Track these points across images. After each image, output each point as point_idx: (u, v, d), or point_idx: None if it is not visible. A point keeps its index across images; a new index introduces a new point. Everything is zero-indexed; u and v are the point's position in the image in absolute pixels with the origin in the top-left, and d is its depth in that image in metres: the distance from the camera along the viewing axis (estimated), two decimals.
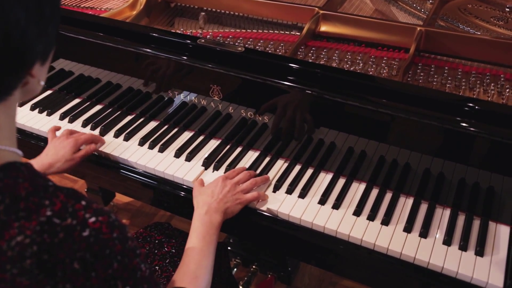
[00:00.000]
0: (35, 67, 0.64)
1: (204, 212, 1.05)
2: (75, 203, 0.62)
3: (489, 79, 1.25)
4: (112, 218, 0.64)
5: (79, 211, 0.61)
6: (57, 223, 0.59)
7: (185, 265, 0.95)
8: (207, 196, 1.10)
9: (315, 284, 1.91)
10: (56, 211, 0.60)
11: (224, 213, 1.07)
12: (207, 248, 1.00)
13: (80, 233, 0.60)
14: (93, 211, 0.62)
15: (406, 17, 1.56)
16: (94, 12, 1.59)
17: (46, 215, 0.59)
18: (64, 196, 0.62)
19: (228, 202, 1.09)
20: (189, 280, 0.92)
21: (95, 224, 0.61)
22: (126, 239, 0.64)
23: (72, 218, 0.60)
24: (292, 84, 1.16)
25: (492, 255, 1.02)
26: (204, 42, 1.27)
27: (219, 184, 1.12)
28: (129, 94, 1.44)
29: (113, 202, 2.24)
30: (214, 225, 1.04)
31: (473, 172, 1.09)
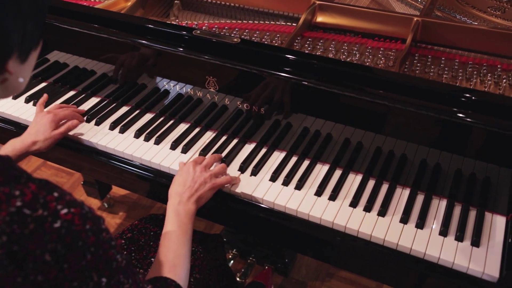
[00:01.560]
0: (10, 61, 0.62)
1: (177, 203, 1.05)
2: (47, 194, 0.61)
3: (486, 69, 1.24)
4: (85, 209, 0.63)
5: (50, 202, 0.61)
6: (28, 213, 0.59)
7: (163, 255, 0.95)
8: (178, 186, 1.09)
9: (312, 276, 1.91)
10: (27, 201, 0.59)
11: (197, 201, 1.07)
12: (183, 237, 0.99)
13: (51, 225, 0.59)
14: (65, 202, 0.62)
15: (403, 8, 1.55)
16: (89, 3, 1.57)
17: (16, 205, 0.59)
18: (36, 187, 0.61)
19: (200, 189, 1.09)
20: (168, 269, 0.92)
21: (67, 216, 0.61)
22: (100, 231, 0.64)
23: (43, 209, 0.60)
24: (288, 75, 1.16)
25: (488, 245, 1.02)
26: (200, 33, 1.26)
27: (190, 171, 1.12)
28: (125, 86, 1.44)
29: (109, 195, 2.24)
30: (188, 214, 1.04)
31: (469, 163, 1.09)
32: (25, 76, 0.68)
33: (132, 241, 1.25)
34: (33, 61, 0.69)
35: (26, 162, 2.48)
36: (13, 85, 0.66)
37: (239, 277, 1.69)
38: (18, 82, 0.67)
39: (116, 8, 1.57)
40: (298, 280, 1.90)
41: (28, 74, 0.69)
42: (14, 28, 0.60)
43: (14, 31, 0.60)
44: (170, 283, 0.87)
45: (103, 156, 1.30)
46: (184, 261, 0.96)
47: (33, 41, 0.66)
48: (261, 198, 1.14)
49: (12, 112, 1.41)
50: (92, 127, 1.36)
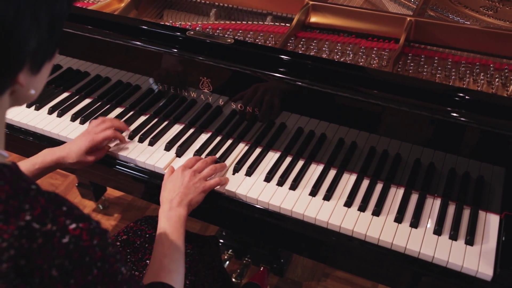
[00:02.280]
0: (22, 73, 0.61)
1: (168, 209, 1.05)
2: (55, 208, 0.60)
3: (479, 69, 1.25)
4: (93, 224, 0.63)
5: (59, 216, 0.60)
6: (37, 228, 0.58)
7: (158, 261, 0.95)
8: (168, 192, 1.09)
9: (307, 276, 1.91)
10: (36, 216, 0.58)
11: (188, 205, 1.07)
12: (176, 243, 0.99)
13: (59, 240, 0.59)
14: (74, 217, 0.61)
15: (396, 8, 1.56)
16: (82, 5, 1.57)
17: (25, 219, 0.57)
18: (45, 201, 0.60)
19: (190, 193, 1.09)
20: (164, 274, 0.92)
21: (75, 231, 0.60)
22: (106, 246, 0.64)
23: (52, 224, 0.59)
24: (282, 76, 1.16)
25: (482, 244, 1.02)
26: (194, 34, 1.26)
27: (179, 176, 1.12)
28: (118, 88, 1.43)
29: (104, 196, 2.23)
30: (179, 219, 1.04)
31: (463, 162, 1.10)
32: (37, 87, 0.66)
33: (127, 243, 1.24)
34: (46, 73, 0.67)
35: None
36: (23, 96, 0.65)
37: (235, 278, 1.69)
38: (29, 94, 0.65)
39: (110, 9, 1.57)
40: (294, 280, 1.90)
41: (41, 85, 0.67)
42: (28, 37, 0.58)
43: (28, 40, 0.59)
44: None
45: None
46: (179, 266, 0.96)
47: (48, 52, 0.64)
48: (256, 199, 1.14)
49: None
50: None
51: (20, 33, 0.57)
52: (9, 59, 0.58)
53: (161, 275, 0.91)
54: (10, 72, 0.60)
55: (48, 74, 0.69)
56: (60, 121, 1.38)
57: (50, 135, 1.36)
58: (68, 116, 1.40)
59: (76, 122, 1.38)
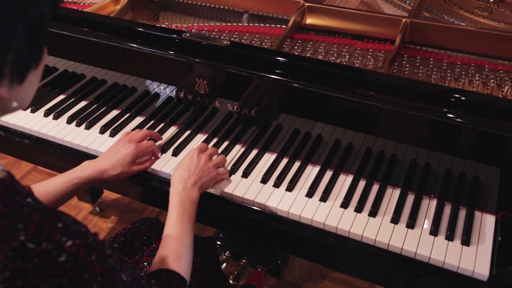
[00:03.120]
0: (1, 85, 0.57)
1: (182, 189, 1.04)
2: (50, 226, 0.58)
3: (474, 69, 1.25)
4: (90, 239, 0.61)
5: (55, 234, 0.58)
6: (32, 248, 0.56)
7: (167, 245, 0.94)
8: (183, 171, 1.08)
9: (305, 277, 1.92)
10: (30, 235, 0.56)
11: (200, 188, 1.07)
12: (187, 226, 0.99)
13: (56, 258, 0.57)
14: (70, 233, 0.59)
15: (391, 9, 1.56)
16: (78, 7, 1.57)
17: (20, 239, 0.56)
18: (40, 219, 0.58)
19: (203, 177, 1.09)
20: (172, 261, 0.91)
21: (72, 248, 0.58)
22: (105, 259, 0.62)
23: (48, 243, 0.57)
24: (278, 77, 1.16)
25: (478, 244, 1.03)
26: (190, 36, 1.26)
27: (194, 158, 1.11)
28: (114, 90, 1.43)
29: (101, 199, 2.23)
30: (192, 201, 1.03)
31: (459, 163, 1.10)
32: (24, 98, 0.62)
33: (125, 245, 1.24)
34: (33, 82, 0.63)
35: (17, 167, 2.46)
36: (8, 108, 0.62)
37: (232, 280, 1.69)
38: (12, 106, 0.61)
39: (105, 11, 1.57)
40: (291, 281, 1.90)
41: (28, 95, 0.63)
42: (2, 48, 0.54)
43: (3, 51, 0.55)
44: (174, 276, 0.87)
45: None
46: (188, 252, 0.95)
47: (31, 61, 0.60)
48: (253, 200, 1.14)
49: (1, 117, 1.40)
50: (82, 131, 1.35)
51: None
52: None
53: (169, 261, 0.90)
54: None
55: (36, 83, 0.64)
56: (56, 124, 1.38)
57: (46, 137, 1.36)
58: (64, 119, 1.39)
59: (72, 125, 1.37)
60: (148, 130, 1.27)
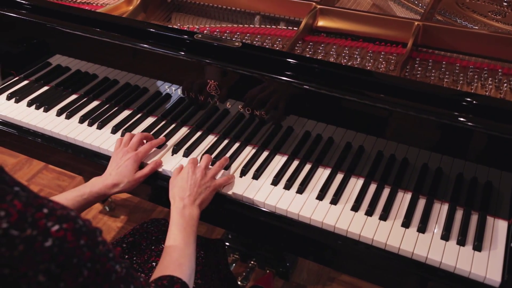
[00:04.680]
0: None
1: (182, 207, 1.05)
2: (35, 211, 0.57)
3: (487, 73, 1.25)
4: (79, 223, 0.60)
5: (39, 220, 0.57)
6: (15, 235, 0.55)
7: (168, 254, 0.95)
8: (181, 190, 1.09)
9: (313, 280, 1.91)
10: (13, 222, 0.56)
11: (200, 205, 1.08)
12: (188, 238, 1.00)
13: (42, 244, 0.56)
14: (56, 218, 0.58)
15: (403, 12, 1.56)
16: (91, 8, 1.58)
17: (2, 227, 0.55)
18: (22, 205, 0.57)
19: (202, 192, 1.09)
20: (173, 268, 0.91)
21: (58, 233, 0.57)
22: (96, 244, 0.61)
23: (32, 228, 0.56)
24: (289, 79, 1.16)
25: (490, 250, 1.02)
26: (201, 37, 1.27)
27: (190, 174, 1.12)
28: (126, 90, 1.44)
29: (111, 198, 2.24)
30: (193, 218, 1.04)
31: (471, 167, 1.09)
32: None
33: (133, 245, 1.24)
34: None
35: (28, 165, 2.48)
36: None
37: (240, 281, 1.69)
38: None
39: (118, 12, 1.58)
40: (299, 284, 1.89)
41: None
42: None
43: None
44: (176, 280, 0.87)
45: (105, 160, 1.30)
46: (190, 261, 0.96)
47: None
48: (263, 202, 1.14)
49: (14, 116, 1.42)
50: (94, 131, 1.36)
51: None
52: None
53: (170, 268, 0.91)
54: None
55: None
56: (68, 123, 1.39)
57: (58, 137, 1.37)
58: (76, 118, 1.40)
59: (84, 124, 1.38)
60: (141, 133, 1.27)
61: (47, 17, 1.41)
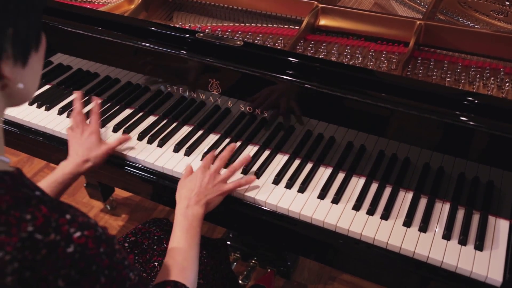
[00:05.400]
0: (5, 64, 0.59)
1: (185, 207, 1.05)
2: (59, 217, 0.59)
3: (489, 73, 1.24)
4: (99, 231, 0.61)
5: (63, 225, 0.58)
6: (39, 239, 0.56)
7: (172, 258, 0.95)
8: (187, 190, 1.09)
9: (314, 279, 1.91)
10: (38, 226, 0.57)
11: (205, 205, 1.07)
12: (191, 240, 0.99)
13: (64, 249, 0.57)
14: (78, 225, 0.59)
15: (405, 11, 1.56)
16: (92, 6, 1.58)
17: (28, 230, 0.56)
18: (48, 210, 0.58)
19: (209, 194, 1.09)
20: (177, 272, 0.91)
21: (80, 239, 0.59)
22: (113, 252, 0.62)
23: (56, 234, 0.57)
24: (291, 78, 1.16)
25: (492, 249, 1.02)
26: (203, 36, 1.27)
27: (198, 176, 1.12)
28: (128, 89, 1.44)
29: (112, 197, 2.24)
30: (196, 218, 1.04)
31: (472, 167, 1.09)
32: (28, 82, 0.64)
33: (135, 245, 1.25)
34: (36, 66, 0.65)
35: (29, 164, 2.48)
36: (16, 92, 0.63)
37: (241, 280, 1.69)
38: (18, 89, 0.63)
39: (120, 10, 1.57)
40: (300, 283, 1.89)
41: (33, 80, 0.65)
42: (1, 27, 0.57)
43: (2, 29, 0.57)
44: (180, 287, 0.87)
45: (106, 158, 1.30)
46: (193, 264, 0.96)
47: (29, 42, 0.62)
48: (264, 201, 1.14)
49: (15, 114, 1.42)
50: None
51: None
52: None
53: (174, 272, 0.91)
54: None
55: (39, 70, 0.66)
56: (70, 122, 1.39)
57: (59, 135, 1.37)
58: None
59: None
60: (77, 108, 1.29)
61: (48, 16, 1.41)
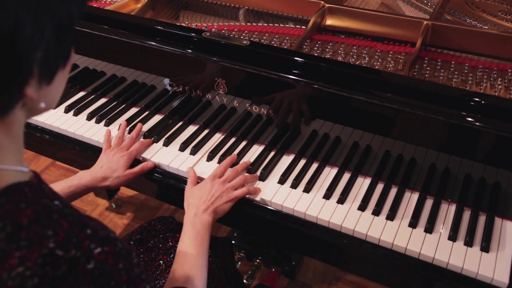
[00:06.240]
0: (30, 86, 0.57)
1: (193, 215, 1.05)
2: (79, 232, 0.58)
3: (496, 73, 1.24)
4: (118, 246, 0.61)
5: (84, 241, 0.58)
6: (60, 255, 0.56)
7: (180, 266, 0.95)
8: (195, 199, 1.09)
9: (318, 279, 1.91)
10: (60, 242, 0.57)
11: (214, 212, 1.07)
12: (199, 248, 0.99)
13: (84, 266, 0.57)
14: (99, 240, 0.59)
15: (412, 11, 1.55)
16: (99, 5, 1.58)
17: (49, 246, 0.56)
18: (69, 225, 0.58)
19: (216, 202, 1.09)
20: (184, 280, 0.92)
21: (100, 256, 0.58)
22: (132, 267, 0.62)
23: (76, 250, 0.57)
24: (297, 78, 1.16)
25: (498, 251, 1.01)
26: (209, 35, 1.27)
27: (208, 185, 1.12)
28: (134, 87, 1.44)
29: (117, 195, 2.24)
30: (204, 226, 1.04)
31: (479, 168, 1.08)
32: (51, 99, 0.62)
33: (141, 243, 1.25)
34: (61, 83, 0.63)
35: (36, 161, 2.49)
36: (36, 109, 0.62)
37: (246, 279, 1.69)
38: (40, 107, 0.61)
39: (126, 9, 1.58)
40: (305, 283, 1.89)
41: (55, 97, 0.63)
42: (31, 46, 0.54)
43: (32, 49, 0.55)
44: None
45: None
46: (201, 272, 0.96)
47: (59, 60, 0.60)
48: (269, 201, 1.14)
49: None
50: (101, 128, 1.36)
51: (21, 42, 0.53)
52: (14, 71, 0.54)
53: (181, 280, 0.91)
54: (17, 85, 0.56)
55: (63, 84, 0.65)
56: (76, 120, 1.40)
57: (66, 133, 1.37)
58: (84, 115, 1.41)
59: (92, 121, 1.39)
60: (132, 134, 1.29)
61: None
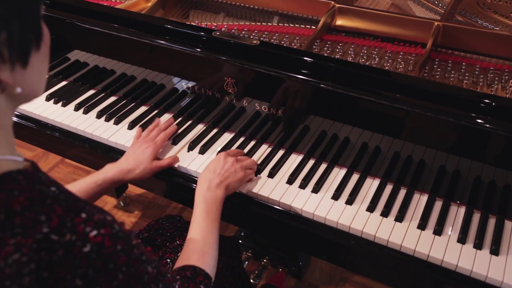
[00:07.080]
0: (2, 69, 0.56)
1: (206, 188, 1.05)
2: (74, 216, 0.58)
3: (508, 75, 1.23)
4: (115, 228, 0.61)
5: (78, 225, 0.58)
6: (55, 239, 0.56)
7: (192, 242, 0.95)
8: (208, 172, 1.09)
9: (325, 279, 1.90)
10: (54, 227, 0.56)
11: (226, 188, 1.07)
12: (211, 224, 1.00)
13: (80, 249, 0.57)
14: (94, 223, 0.59)
15: (423, 12, 1.54)
16: (110, 4, 1.59)
17: (43, 232, 0.56)
18: (62, 210, 0.58)
19: (230, 177, 1.09)
20: (197, 257, 0.92)
21: (96, 238, 0.58)
22: (131, 249, 0.62)
23: (71, 234, 0.57)
24: (306, 78, 1.15)
25: (508, 254, 1.00)
26: (219, 35, 1.27)
27: (221, 160, 1.12)
28: (143, 86, 1.45)
29: (125, 194, 2.25)
30: (217, 200, 1.04)
31: (489, 170, 1.08)
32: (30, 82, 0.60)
33: (148, 241, 1.25)
34: (40, 64, 0.62)
35: (45, 159, 2.51)
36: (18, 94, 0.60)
37: (253, 279, 1.69)
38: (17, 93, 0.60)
39: (137, 8, 1.58)
40: (312, 283, 1.89)
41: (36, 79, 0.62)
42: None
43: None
44: (199, 272, 0.88)
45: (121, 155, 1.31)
46: (213, 249, 0.96)
47: (27, 42, 0.58)
48: (278, 201, 1.13)
49: (32, 110, 1.43)
50: (111, 126, 1.37)
51: None
52: None
53: (194, 257, 0.91)
54: None
55: (44, 68, 0.63)
56: (86, 118, 1.40)
57: (75, 131, 1.38)
58: (94, 113, 1.42)
59: (102, 119, 1.39)
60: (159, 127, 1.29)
61: (66, 13, 1.42)
